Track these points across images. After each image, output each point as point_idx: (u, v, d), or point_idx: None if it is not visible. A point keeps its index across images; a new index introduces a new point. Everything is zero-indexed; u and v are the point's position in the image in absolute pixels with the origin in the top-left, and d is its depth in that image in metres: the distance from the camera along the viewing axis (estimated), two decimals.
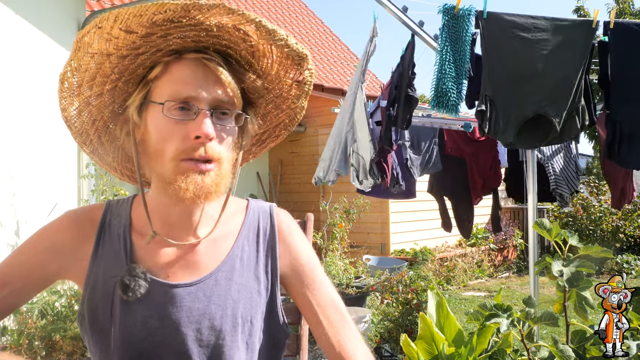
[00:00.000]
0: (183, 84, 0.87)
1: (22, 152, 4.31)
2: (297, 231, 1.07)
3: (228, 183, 0.92)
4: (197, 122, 0.86)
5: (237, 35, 0.88)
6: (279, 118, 1.04)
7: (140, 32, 0.85)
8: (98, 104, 0.95)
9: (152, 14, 0.82)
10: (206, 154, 0.86)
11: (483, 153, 4.28)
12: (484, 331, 1.52)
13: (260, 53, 0.92)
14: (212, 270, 0.95)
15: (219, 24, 0.85)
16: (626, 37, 2.65)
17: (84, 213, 0.99)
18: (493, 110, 2.57)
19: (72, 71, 0.90)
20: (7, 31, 4.23)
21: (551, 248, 8.16)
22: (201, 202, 0.88)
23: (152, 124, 0.89)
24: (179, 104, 0.87)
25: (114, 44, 0.86)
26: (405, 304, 4.36)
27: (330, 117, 7.42)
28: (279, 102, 1.01)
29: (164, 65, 0.89)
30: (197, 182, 0.86)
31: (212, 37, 0.88)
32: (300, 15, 12.51)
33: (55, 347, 3.85)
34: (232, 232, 1.00)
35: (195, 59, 0.89)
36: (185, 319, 0.90)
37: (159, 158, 0.88)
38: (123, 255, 0.93)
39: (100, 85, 0.92)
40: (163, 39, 0.87)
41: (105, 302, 0.91)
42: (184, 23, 0.84)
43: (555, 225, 1.69)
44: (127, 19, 0.82)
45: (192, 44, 0.89)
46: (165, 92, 0.88)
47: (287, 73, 0.96)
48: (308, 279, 1.02)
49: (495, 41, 2.59)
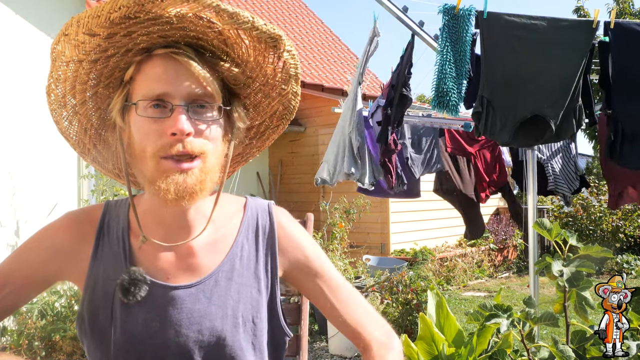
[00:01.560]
0: (155, 81, 0.86)
1: (22, 152, 4.31)
2: (296, 226, 1.07)
3: (215, 178, 0.91)
4: (172, 119, 0.84)
5: (201, 25, 0.85)
6: (272, 107, 1.01)
7: (103, 33, 0.84)
8: (84, 112, 0.95)
9: (108, 12, 0.80)
10: (184, 149, 0.84)
11: (486, 152, 4.30)
12: (484, 331, 1.52)
13: (232, 40, 0.89)
14: (211, 271, 0.94)
15: (178, 14, 0.82)
16: (627, 37, 2.65)
17: (83, 214, 0.98)
18: (490, 111, 2.57)
19: (55, 82, 0.90)
20: (7, 31, 4.23)
21: (551, 248, 8.16)
22: (186, 203, 0.86)
23: (133, 125, 0.88)
24: (153, 102, 0.86)
25: (82, 49, 0.85)
26: (405, 304, 4.35)
27: (330, 117, 7.41)
28: (268, 90, 0.97)
29: (136, 65, 0.88)
30: (178, 183, 0.84)
31: (177, 29, 0.86)
32: (300, 15, 12.51)
33: (55, 347, 3.85)
34: (231, 232, 0.99)
35: (165, 54, 0.87)
36: (186, 320, 0.90)
37: (143, 158, 0.87)
38: (122, 257, 0.93)
39: (81, 92, 0.92)
40: (128, 37, 0.85)
41: (105, 304, 0.90)
42: (142, 18, 0.82)
43: (555, 225, 1.69)
44: (87, 22, 0.81)
45: (160, 40, 0.87)
46: (140, 92, 0.87)
47: (265, 58, 0.91)
48: (316, 268, 1.03)
49: (494, 42, 2.59)
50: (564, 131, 2.62)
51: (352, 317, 1.02)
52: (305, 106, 8.19)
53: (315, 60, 10.65)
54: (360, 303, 1.04)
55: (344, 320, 1.02)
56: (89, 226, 0.96)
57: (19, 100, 4.26)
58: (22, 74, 4.30)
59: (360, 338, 1.02)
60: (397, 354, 1.01)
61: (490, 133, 2.59)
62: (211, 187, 0.90)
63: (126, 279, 0.89)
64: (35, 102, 4.28)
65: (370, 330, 1.02)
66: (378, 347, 1.00)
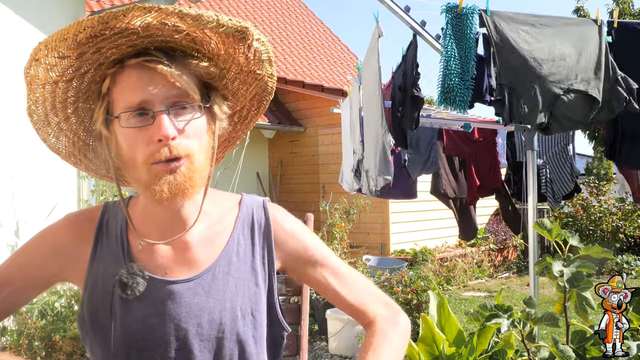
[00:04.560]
0: (132, 91, 0.87)
1: (22, 152, 4.30)
2: (292, 219, 1.09)
3: (205, 173, 0.92)
4: (155, 125, 0.86)
5: (167, 29, 0.86)
6: (250, 92, 1.01)
7: (72, 54, 0.85)
8: (69, 127, 0.96)
9: (74, 34, 0.82)
10: (171, 154, 0.86)
11: (482, 153, 4.28)
12: (484, 331, 1.52)
13: (200, 38, 0.90)
14: (209, 265, 0.96)
15: (143, 24, 0.83)
16: (629, 37, 2.65)
17: (83, 215, 1.00)
18: (513, 96, 2.50)
19: (34, 104, 0.91)
20: (7, 31, 4.23)
21: (551, 248, 8.16)
22: (180, 200, 0.88)
23: (119, 135, 0.90)
24: (135, 112, 0.87)
25: (55, 71, 0.87)
26: (405, 304, 4.35)
27: (330, 118, 7.41)
28: (243, 77, 0.98)
29: (110, 77, 0.90)
30: (170, 182, 0.86)
31: (145, 37, 0.87)
32: (300, 16, 12.51)
33: (55, 347, 3.85)
34: (227, 227, 1.01)
35: (137, 63, 0.88)
36: (184, 314, 0.91)
37: (133, 166, 0.89)
38: (121, 255, 0.94)
39: (62, 110, 0.93)
40: (98, 54, 0.87)
41: (105, 301, 0.91)
42: (108, 34, 0.84)
43: (555, 226, 1.69)
44: (55, 46, 0.83)
45: (129, 50, 0.88)
46: (120, 104, 0.88)
47: (236, 50, 0.93)
48: (317, 256, 1.05)
49: (502, 34, 2.54)
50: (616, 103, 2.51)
51: (357, 297, 1.04)
52: (305, 106, 8.19)
53: (315, 61, 10.65)
54: (364, 284, 1.07)
55: (349, 302, 1.04)
56: (88, 226, 0.97)
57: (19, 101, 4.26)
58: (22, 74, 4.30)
59: (365, 316, 1.04)
60: (401, 328, 1.03)
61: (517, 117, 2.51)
62: (202, 182, 0.92)
63: (124, 274, 0.90)
64: None
65: (374, 308, 1.04)
66: (381, 322, 1.02)
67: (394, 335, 1.00)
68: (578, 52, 2.55)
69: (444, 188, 4.35)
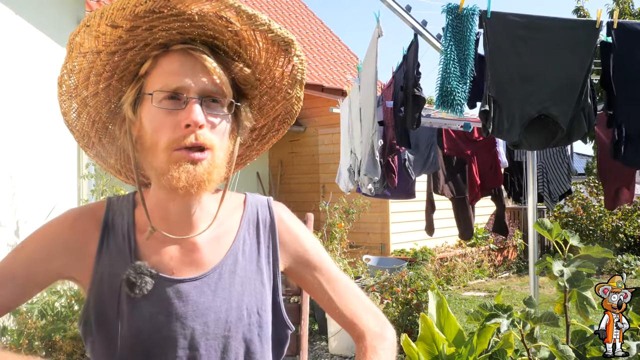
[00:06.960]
0: (172, 75, 0.89)
1: (22, 152, 4.31)
2: (296, 220, 1.10)
3: (222, 172, 0.93)
4: (186, 111, 0.87)
5: (220, 24, 0.89)
6: (275, 111, 1.04)
7: (125, 25, 0.87)
8: (95, 104, 0.96)
9: (134, 5, 0.84)
10: (197, 141, 0.87)
11: (482, 153, 4.28)
12: (484, 331, 1.52)
13: (246, 42, 0.93)
14: (215, 264, 0.96)
15: (200, 12, 0.86)
16: (629, 38, 2.64)
17: (86, 211, 0.99)
18: (497, 110, 2.56)
19: (68, 73, 0.92)
20: (7, 31, 4.23)
21: (551, 248, 8.16)
22: (194, 191, 0.88)
23: (145, 117, 0.91)
24: (169, 94, 0.88)
25: (102, 40, 0.88)
26: (405, 304, 4.36)
27: (330, 117, 7.41)
28: (273, 93, 1.01)
29: (153, 59, 0.91)
30: (189, 171, 0.87)
31: (196, 27, 0.89)
32: (300, 16, 12.51)
33: (55, 347, 3.85)
34: (233, 227, 1.01)
35: (182, 50, 0.90)
36: (191, 313, 0.92)
37: (154, 151, 0.89)
38: (128, 253, 0.94)
39: (94, 84, 0.94)
40: (149, 32, 0.88)
41: (112, 300, 0.91)
42: (165, 13, 0.86)
43: (556, 225, 1.69)
44: (111, 14, 0.85)
45: (178, 37, 0.90)
46: (156, 85, 0.90)
47: (275, 61, 0.96)
48: (315, 262, 1.06)
49: (498, 41, 2.57)
50: (575, 132, 2.59)
51: (348, 308, 1.05)
52: (305, 106, 8.19)
53: (315, 61, 10.65)
54: (356, 295, 1.08)
55: (341, 311, 1.05)
56: (93, 223, 0.97)
57: (19, 101, 4.26)
58: (22, 74, 4.30)
59: (355, 329, 1.05)
60: (389, 343, 1.04)
61: (498, 132, 2.57)
62: (218, 180, 0.92)
63: (132, 273, 0.90)
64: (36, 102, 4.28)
65: (364, 322, 1.05)
66: (371, 337, 1.03)
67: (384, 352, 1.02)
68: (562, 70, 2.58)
69: (441, 189, 4.35)
